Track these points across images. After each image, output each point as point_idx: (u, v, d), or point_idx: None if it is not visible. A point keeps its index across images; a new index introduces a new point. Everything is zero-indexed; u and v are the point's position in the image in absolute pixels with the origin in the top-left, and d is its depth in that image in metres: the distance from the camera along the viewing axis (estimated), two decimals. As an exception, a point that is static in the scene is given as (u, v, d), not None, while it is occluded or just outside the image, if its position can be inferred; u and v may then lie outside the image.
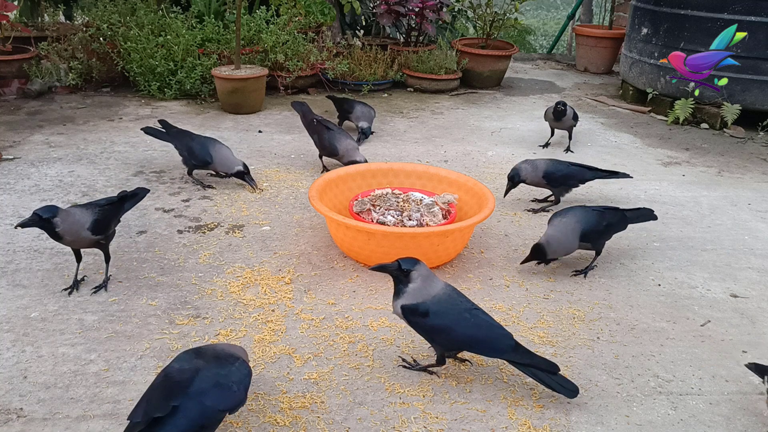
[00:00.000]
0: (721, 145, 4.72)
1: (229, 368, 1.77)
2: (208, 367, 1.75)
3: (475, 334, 2.05)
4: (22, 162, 3.83)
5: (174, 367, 1.75)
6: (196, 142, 3.53)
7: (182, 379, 1.69)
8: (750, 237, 3.29)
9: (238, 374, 1.77)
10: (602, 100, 5.84)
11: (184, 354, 1.82)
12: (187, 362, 1.76)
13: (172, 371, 1.74)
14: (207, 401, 1.66)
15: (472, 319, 2.06)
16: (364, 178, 3.26)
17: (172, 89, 5.16)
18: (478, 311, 2.09)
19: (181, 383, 1.68)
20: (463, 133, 4.75)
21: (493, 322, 2.08)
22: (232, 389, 1.72)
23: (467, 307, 2.09)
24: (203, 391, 1.67)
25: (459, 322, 2.05)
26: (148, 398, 1.68)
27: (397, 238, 2.66)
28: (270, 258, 2.88)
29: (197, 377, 1.70)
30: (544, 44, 11.34)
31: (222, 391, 1.70)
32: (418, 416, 1.99)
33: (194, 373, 1.71)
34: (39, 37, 5.35)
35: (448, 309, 2.07)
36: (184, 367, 1.74)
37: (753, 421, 2.02)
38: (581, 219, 2.77)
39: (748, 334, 2.49)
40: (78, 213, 2.45)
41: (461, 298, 2.13)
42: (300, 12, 5.52)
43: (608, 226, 2.86)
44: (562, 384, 2.00)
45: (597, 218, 2.80)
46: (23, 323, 2.34)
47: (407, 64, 5.82)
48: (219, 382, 1.71)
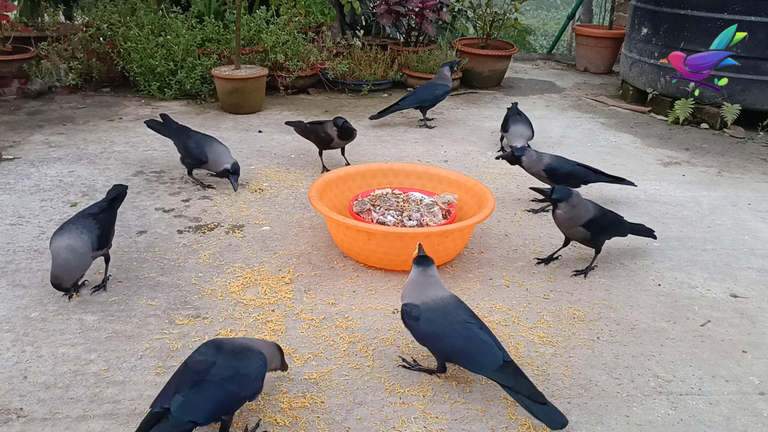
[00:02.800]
0: (721, 145, 4.72)
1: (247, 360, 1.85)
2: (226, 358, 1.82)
3: (462, 346, 2.01)
4: (22, 162, 3.83)
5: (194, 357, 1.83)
6: (192, 140, 3.52)
7: (200, 369, 1.78)
8: (750, 237, 3.29)
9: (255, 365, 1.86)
10: (602, 100, 5.84)
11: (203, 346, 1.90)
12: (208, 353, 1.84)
13: (191, 361, 1.82)
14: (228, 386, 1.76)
15: (463, 332, 2.02)
16: (364, 178, 3.26)
17: (172, 89, 5.16)
18: (471, 325, 2.03)
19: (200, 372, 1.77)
20: (463, 133, 4.75)
21: (484, 339, 2.01)
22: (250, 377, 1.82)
23: (462, 319, 2.04)
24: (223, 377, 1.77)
25: (448, 332, 2.03)
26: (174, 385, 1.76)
27: (397, 238, 2.66)
28: (270, 258, 2.88)
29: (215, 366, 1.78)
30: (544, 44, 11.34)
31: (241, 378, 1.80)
32: (418, 416, 1.99)
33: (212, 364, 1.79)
34: (39, 37, 5.35)
35: (440, 317, 2.06)
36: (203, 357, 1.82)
37: (753, 421, 2.02)
38: (591, 206, 2.78)
39: (748, 334, 2.49)
40: (78, 239, 2.41)
41: (460, 310, 2.08)
42: (300, 12, 5.52)
43: (611, 225, 2.85)
44: (549, 415, 1.88)
45: (602, 212, 2.81)
46: (23, 323, 2.34)
47: (407, 64, 5.82)
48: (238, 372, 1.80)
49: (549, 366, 2.24)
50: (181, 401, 1.68)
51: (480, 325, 2.06)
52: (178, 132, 3.63)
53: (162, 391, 1.75)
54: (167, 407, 1.67)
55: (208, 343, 1.88)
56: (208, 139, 3.55)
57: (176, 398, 1.68)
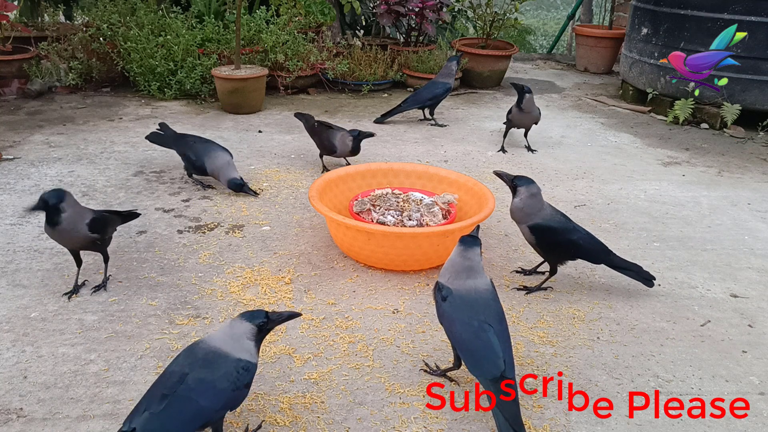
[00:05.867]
0: (721, 145, 4.72)
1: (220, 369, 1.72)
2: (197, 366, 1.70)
3: (469, 343, 1.95)
4: (22, 162, 3.83)
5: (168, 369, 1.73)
6: (192, 150, 3.48)
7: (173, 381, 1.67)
8: (750, 237, 3.29)
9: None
10: (602, 100, 5.84)
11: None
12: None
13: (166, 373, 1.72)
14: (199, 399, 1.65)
15: (476, 330, 1.94)
16: (364, 178, 3.26)
17: (172, 89, 5.16)
18: (489, 327, 1.93)
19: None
20: (463, 133, 4.75)
21: (493, 345, 1.90)
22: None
23: (483, 318, 1.95)
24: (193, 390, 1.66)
25: (464, 324, 1.98)
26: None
27: (397, 238, 2.66)
28: (270, 258, 2.88)
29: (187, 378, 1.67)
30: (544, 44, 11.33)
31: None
32: (418, 416, 1.99)
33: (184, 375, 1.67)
34: (39, 37, 5.36)
35: (464, 307, 1.99)
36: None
37: (753, 421, 2.02)
38: (549, 211, 2.62)
39: (748, 334, 2.48)
40: (82, 207, 2.46)
41: (488, 308, 1.98)
42: (300, 12, 5.52)
43: (572, 242, 2.59)
44: None
45: (563, 225, 2.60)
46: (23, 323, 2.34)
47: (407, 64, 5.82)
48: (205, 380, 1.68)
49: (549, 366, 2.24)
50: (147, 419, 1.58)
51: (499, 330, 1.94)
52: (177, 141, 3.61)
53: (135, 407, 1.66)
54: (133, 428, 1.57)
55: (187, 349, 1.77)
56: (209, 146, 3.48)
57: (144, 416, 1.59)
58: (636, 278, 2.66)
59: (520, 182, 2.62)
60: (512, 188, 2.65)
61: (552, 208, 2.67)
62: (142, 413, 1.61)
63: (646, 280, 2.66)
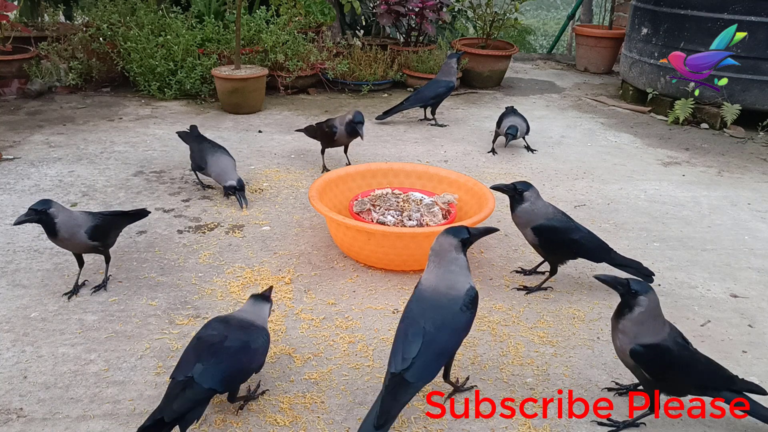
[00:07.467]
0: (721, 145, 4.72)
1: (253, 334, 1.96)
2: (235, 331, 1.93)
3: (396, 335, 1.89)
4: (22, 162, 3.83)
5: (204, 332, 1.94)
6: (198, 147, 3.50)
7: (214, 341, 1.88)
8: (750, 237, 3.29)
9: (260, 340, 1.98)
10: (602, 100, 5.84)
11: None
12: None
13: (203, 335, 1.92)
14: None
15: (407, 323, 1.87)
16: (364, 178, 3.26)
17: (172, 89, 5.16)
18: (417, 325, 1.84)
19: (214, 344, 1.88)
20: (463, 133, 4.75)
21: (403, 341, 1.83)
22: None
23: (418, 314, 1.87)
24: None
25: (406, 318, 1.90)
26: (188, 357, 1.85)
27: (397, 238, 2.66)
28: (270, 258, 2.88)
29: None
30: (544, 44, 11.33)
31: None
32: (418, 416, 1.99)
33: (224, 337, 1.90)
34: (39, 37, 5.36)
35: (417, 303, 1.91)
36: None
37: (753, 421, 2.02)
38: (551, 210, 2.63)
39: (748, 334, 2.48)
40: (78, 215, 2.47)
41: (437, 311, 1.88)
42: (300, 12, 5.52)
43: (573, 241, 2.60)
44: None
45: (565, 226, 2.61)
46: (23, 323, 2.34)
47: (407, 64, 5.82)
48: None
49: (549, 366, 2.24)
50: (202, 370, 1.78)
51: (424, 331, 1.83)
52: (193, 139, 3.64)
53: (180, 363, 1.84)
54: (190, 376, 1.76)
55: (216, 318, 2.00)
56: (215, 149, 3.47)
57: (197, 367, 1.78)
58: (636, 275, 2.65)
59: (524, 187, 2.63)
60: (516, 195, 2.63)
61: (554, 208, 2.70)
62: (194, 365, 1.79)
63: (645, 276, 2.66)
